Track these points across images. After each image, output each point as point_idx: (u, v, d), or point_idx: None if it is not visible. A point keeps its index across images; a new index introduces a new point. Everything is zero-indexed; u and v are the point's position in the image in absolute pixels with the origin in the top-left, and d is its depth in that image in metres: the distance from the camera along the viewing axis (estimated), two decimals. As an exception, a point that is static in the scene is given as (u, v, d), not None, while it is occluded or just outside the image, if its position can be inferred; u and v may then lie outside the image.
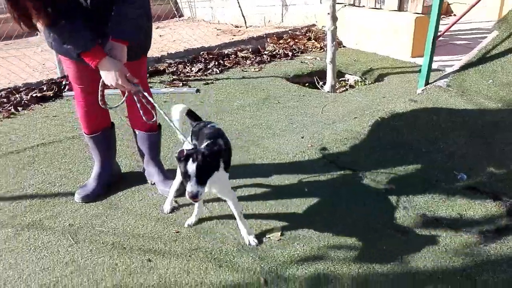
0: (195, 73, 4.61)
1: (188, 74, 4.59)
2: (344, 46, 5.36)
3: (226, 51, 5.15)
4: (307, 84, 4.47)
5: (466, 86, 3.46)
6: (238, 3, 6.94)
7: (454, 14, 6.39)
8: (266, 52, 5.22)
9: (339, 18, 4.17)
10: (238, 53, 5.15)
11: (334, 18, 4.06)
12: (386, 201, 2.35)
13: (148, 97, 2.06)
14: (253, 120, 3.48)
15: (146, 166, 2.60)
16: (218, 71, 4.67)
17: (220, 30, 6.88)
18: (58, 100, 4.00)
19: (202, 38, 5.93)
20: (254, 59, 5.02)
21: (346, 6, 5.41)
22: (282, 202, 2.38)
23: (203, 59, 4.89)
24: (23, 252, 2.07)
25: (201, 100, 3.93)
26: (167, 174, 2.54)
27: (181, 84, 4.31)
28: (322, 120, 3.40)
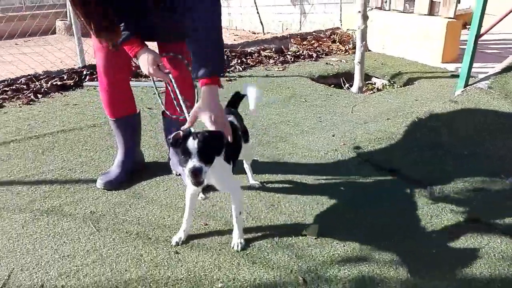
0: (218, 69, 4.49)
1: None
2: (369, 50, 5.21)
3: (249, 50, 5.04)
4: (333, 85, 4.32)
5: (509, 89, 3.28)
6: (256, 10, 6.86)
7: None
8: (289, 52, 5.10)
9: (366, 21, 4.03)
10: (261, 52, 5.04)
11: (365, 17, 3.92)
12: (430, 203, 2.17)
13: (177, 92, 1.98)
14: (280, 117, 3.34)
15: (172, 155, 2.47)
16: (241, 69, 4.55)
17: (237, 36, 6.83)
18: (79, 89, 3.90)
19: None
20: (277, 59, 4.90)
21: (373, 9, 5.28)
22: (317, 200, 2.22)
23: (226, 57, 4.78)
24: (42, 238, 1.94)
25: (224, 96, 3.79)
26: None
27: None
28: (353, 119, 3.25)
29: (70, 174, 2.46)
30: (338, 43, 5.39)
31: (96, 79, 3.80)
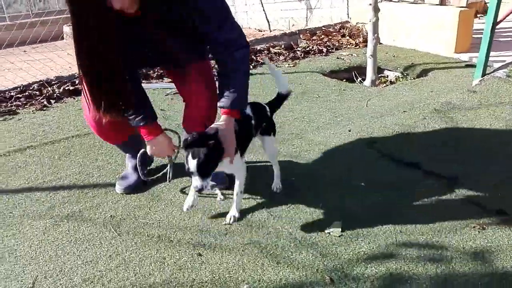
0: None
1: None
2: (380, 43, 5.13)
3: (258, 47, 5.00)
4: (345, 80, 4.27)
5: (528, 77, 3.22)
6: (262, 7, 6.81)
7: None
8: (299, 48, 5.05)
9: (376, 13, 3.97)
10: (271, 49, 5.00)
11: (376, 9, 3.87)
12: (454, 197, 2.13)
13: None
14: (293, 113, 3.30)
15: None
16: (251, 66, 4.52)
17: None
18: (90, 93, 3.89)
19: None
20: (287, 55, 4.86)
21: (382, 1, 5.20)
22: (338, 196, 2.19)
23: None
24: (64, 244, 1.93)
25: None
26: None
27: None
28: (368, 113, 3.20)
29: (87, 179, 2.46)
30: (348, 37, 5.33)
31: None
